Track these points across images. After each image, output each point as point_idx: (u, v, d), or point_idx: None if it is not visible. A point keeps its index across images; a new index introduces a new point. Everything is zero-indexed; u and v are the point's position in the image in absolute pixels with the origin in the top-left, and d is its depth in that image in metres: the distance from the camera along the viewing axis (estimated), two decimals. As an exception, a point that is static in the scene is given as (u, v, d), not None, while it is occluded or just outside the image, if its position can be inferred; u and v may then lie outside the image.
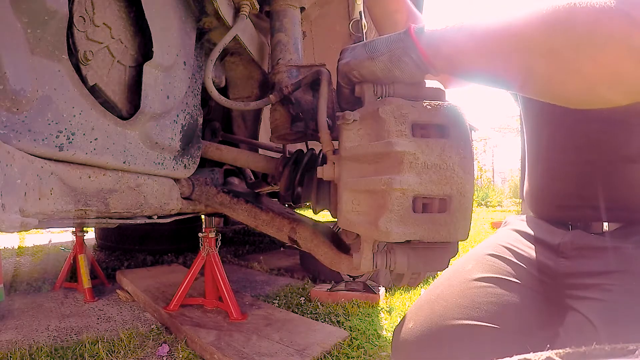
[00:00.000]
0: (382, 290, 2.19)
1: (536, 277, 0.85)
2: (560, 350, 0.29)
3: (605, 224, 0.79)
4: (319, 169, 0.64)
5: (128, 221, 0.91)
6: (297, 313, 1.95)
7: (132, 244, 3.37)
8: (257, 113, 1.28)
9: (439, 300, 0.84)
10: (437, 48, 0.56)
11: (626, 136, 0.75)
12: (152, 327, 1.82)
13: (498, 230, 1.02)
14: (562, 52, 0.47)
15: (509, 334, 0.76)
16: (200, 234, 1.97)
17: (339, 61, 0.66)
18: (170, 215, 1.02)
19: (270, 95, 0.84)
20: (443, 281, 0.91)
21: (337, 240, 0.86)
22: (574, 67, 0.47)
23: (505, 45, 0.51)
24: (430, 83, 0.61)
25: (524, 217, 0.99)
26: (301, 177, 0.86)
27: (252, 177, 1.29)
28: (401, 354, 0.83)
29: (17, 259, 3.33)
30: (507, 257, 0.88)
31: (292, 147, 1.19)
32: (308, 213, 1.78)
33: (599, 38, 0.45)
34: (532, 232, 0.91)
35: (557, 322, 0.84)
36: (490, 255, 0.90)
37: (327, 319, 1.88)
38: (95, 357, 1.49)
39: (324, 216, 3.95)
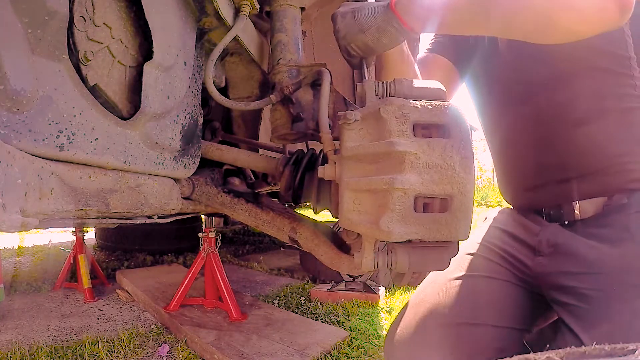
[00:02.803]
0: (382, 290, 2.19)
1: (515, 275, 0.86)
2: (560, 350, 0.29)
3: (577, 209, 0.81)
4: (320, 168, 0.64)
5: (128, 221, 0.90)
6: (297, 313, 1.95)
7: (132, 244, 3.37)
8: (257, 113, 1.28)
9: (424, 302, 0.86)
10: (415, 15, 0.67)
11: (572, 99, 0.79)
12: (152, 327, 1.82)
13: (478, 227, 1.03)
14: None
15: (491, 330, 0.78)
16: (200, 234, 1.97)
17: (336, 33, 0.75)
18: (171, 215, 1.02)
19: (271, 95, 0.84)
20: (427, 284, 0.93)
21: (338, 240, 0.86)
22: (527, 3, 0.57)
23: (468, 2, 0.62)
24: (432, 83, 0.61)
25: (503, 210, 1.01)
26: (301, 177, 0.86)
27: (252, 177, 1.29)
28: (391, 356, 0.84)
29: (17, 259, 3.33)
30: (486, 255, 0.90)
31: (292, 147, 1.19)
32: (308, 213, 1.78)
33: None
34: (510, 229, 0.92)
35: (539, 317, 0.86)
36: (469, 254, 0.92)
37: (327, 319, 1.88)
38: (95, 357, 1.49)
39: (325, 216, 3.95)
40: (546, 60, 0.81)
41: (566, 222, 0.82)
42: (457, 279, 0.86)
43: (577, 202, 0.80)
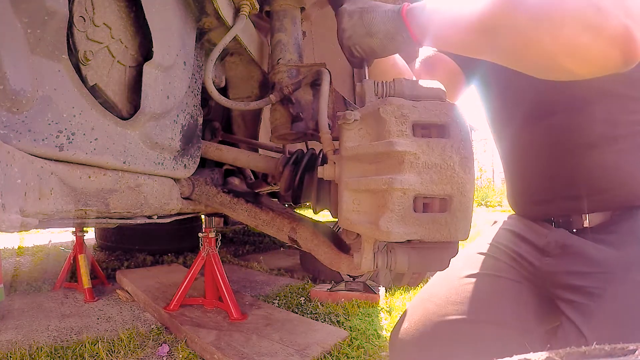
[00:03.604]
0: (382, 290, 2.19)
1: (523, 275, 0.87)
2: (560, 350, 0.29)
3: (586, 220, 0.82)
4: (319, 168, 0.64)
5: (128, 221, 0.91)
6: (297, 313, 1.95)
7: (132, 244, 3.37)
8: (257, 113, 1.28)
9: (432, 298, 0.86)
10: (424, 29, 0.66)
11: (585, 124, 0.80)
12: (152, 327, 1.82)
13: (488, 229, 1.04)
14: (524, 29, 0.55)
15: (499, 328, 0.78)
16: (200, 234, 1.97)
17: (340, 31, 0.73)
18: (170, 215, 1.02)
19: (271, 95, 0.84)
20: (435, 281, 0.93)
21: (338, 240, 0.86)
22: (534, 41, 0.56)
23: (475, 26, 0.60)
24: (431, 83, 0.61)
25: (511, 216, 1.02)
26: (301, 177, 0.86)
27: (252, 177, 1.29)
28: (399, 353, 0.84)
29: (17, 259, 3.33)
30: (496, 255, 0.92)
31: (292, 147, 1.19)
32: (308, 213, 1.78)
33: (558, 16, 0.53)
34: (519, 231, 0.93)
35: (547, 318, 0.86)
36: (479, 253, 0.93)
37: (327, 319, 1.88)
38: (95, 357, 1.49)
39: (324, 216, 3.95)
40: (561, 85, 0.81)
41: (574, 230, 0.84)
42: (466, 277, 0.87)
43: (586, 214, 0.82)
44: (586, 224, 0.82)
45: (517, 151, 0.96)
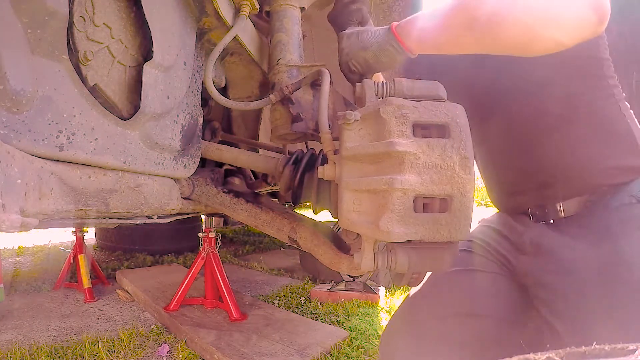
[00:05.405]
0: (382, 290, 2.19)
1: (504, 271, 0.89)
2: (560, 350, 0.29)
3: (561, 210, 0.83)
4: (319, 168, 0.64)
5: (128, 221, 0.91)
6: (297, 313, 1.95)
7: (132, 244, 3.37)
8: (257, 113, 1.28)
9: (417, 295, 0.89)
10: (411, 36, 0.71)
11: (542, 108, 0.82)
12: (152, 327, 1.82)
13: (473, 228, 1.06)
14: (499, 10, 0.60)
15: (483, 321, 0.81)
16: (200, 234, 1.98)
17: (339, 51, 0.78)
18: (171, 215, 1.02)
19: (271, 95, 0.84)
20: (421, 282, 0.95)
21: (337, 240, 0.86)
22: (512, 19, 0.60)
23: (457, 21, 0.65)
24: (431, 83, 0.61)
25: (495, 213, 1.04)
26: (301, 177, 0.86)
27: (252, 177, 1.29)
28: (387, 350, 0.86)
29: (17, 259, 3.33)
30: (477, 251, 0.93)
31: (292, 147, 1.19)
32: (308, 213, 1.78)
33: None
34: (499, 228, 0.96)
35: (527, 310, 0.86)
36: (462, 250, 0.95)
37: (327, 319, 1.89)
38: (95, 357, 1.49)
39: (324, 216, 3.96)
40: (515, 70, 0.83)
41: (551, 221, 0.84)
42: (450, 272, 0.88)
43: (560, 202, 0.82)
44: (561, 213, 0.82)
45: (484, 148, 0.98)
